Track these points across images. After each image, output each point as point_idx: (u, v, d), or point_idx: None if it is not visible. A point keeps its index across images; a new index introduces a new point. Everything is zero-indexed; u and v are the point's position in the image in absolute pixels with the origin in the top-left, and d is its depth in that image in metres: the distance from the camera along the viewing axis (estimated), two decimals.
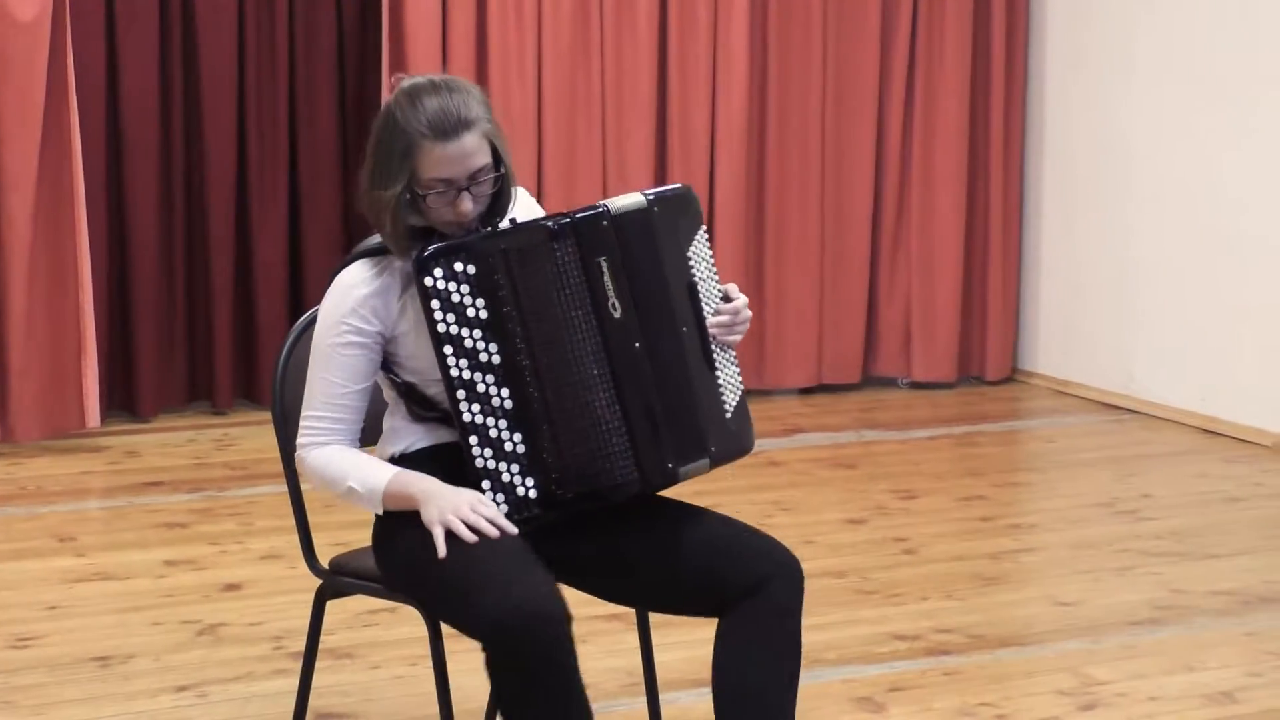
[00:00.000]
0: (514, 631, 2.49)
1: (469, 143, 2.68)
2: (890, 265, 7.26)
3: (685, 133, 6.80)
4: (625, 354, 2.72)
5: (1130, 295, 6.86)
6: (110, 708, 3.59)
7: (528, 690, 2.53)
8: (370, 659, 3.89)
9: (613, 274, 2.72)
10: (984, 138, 7.26)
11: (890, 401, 7.07)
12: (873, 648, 4.00)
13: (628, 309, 2.73)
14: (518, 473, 2.69)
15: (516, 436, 2.69)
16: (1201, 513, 5.27)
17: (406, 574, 2.75)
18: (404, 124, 2.68)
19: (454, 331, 2.67)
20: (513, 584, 2.53)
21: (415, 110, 2.68)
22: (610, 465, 2.70)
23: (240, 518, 5.10)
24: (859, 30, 7.00)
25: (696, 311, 2.83)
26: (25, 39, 5.67)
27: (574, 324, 2.70)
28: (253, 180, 6.48)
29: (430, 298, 2.66)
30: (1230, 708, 3.65)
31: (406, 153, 2.68)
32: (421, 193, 2.69)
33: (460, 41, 6.44)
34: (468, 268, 2.67)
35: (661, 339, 2.77)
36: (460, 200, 2.69)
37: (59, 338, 5.93)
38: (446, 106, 2.68)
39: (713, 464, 2.82)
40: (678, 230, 2.83)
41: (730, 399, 2.87)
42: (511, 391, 2.68)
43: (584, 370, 2.70)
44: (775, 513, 5.12)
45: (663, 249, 2.79)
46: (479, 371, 2.68)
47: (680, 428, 2.76)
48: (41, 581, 4.48)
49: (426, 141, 2.66)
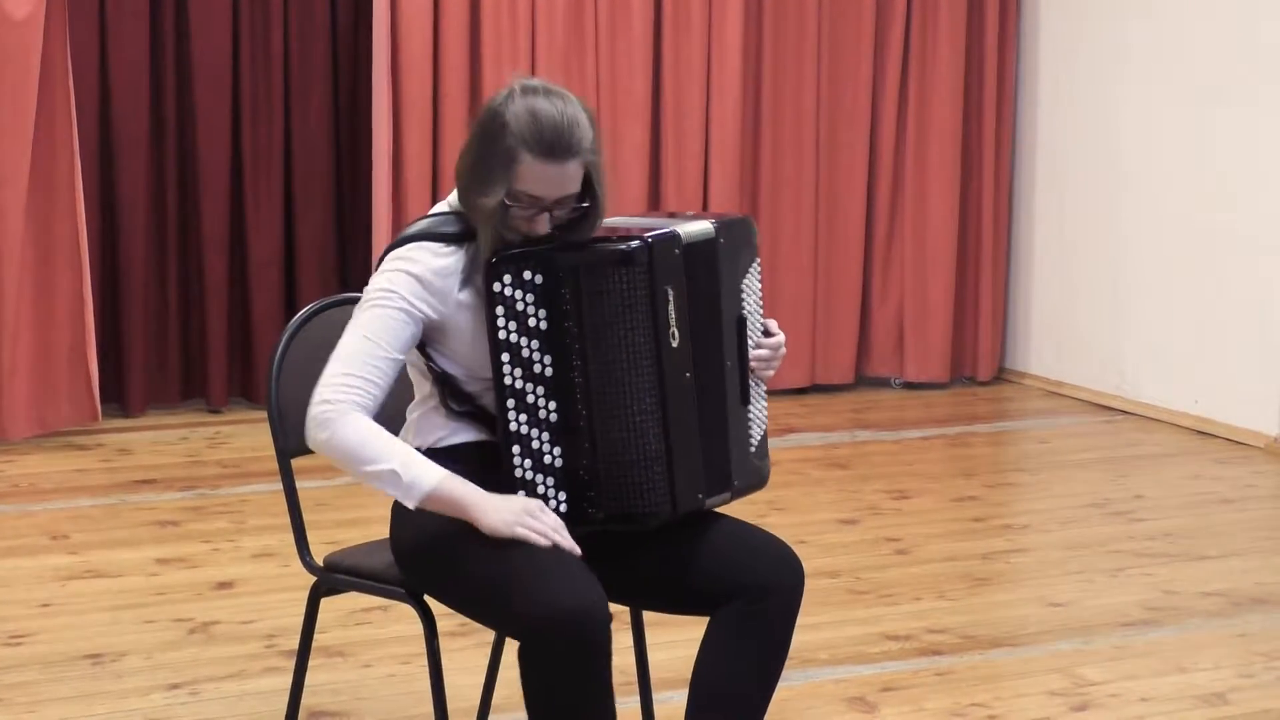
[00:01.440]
0: (561, 628, 2.48)
1: (571, 169, 2.64)
2: (883, 266, 7.26)
3: (679, 133, 6.80)
4: (676, 384, 2.69)
5: (1122, 296, 6.87)
6: (102, 705, 3.58)
7: (561, 689, 2.53)
8: (363, 657, 3.89)
9: (676, 303, 2.68)
10: (976, 139, 7.27)
11: (883, 402, 7.07)
12: (865, 648, 4.00)
13: (684, 339, 2.70)
14: (552, 485, 2.68)
15: (557, 450, 2.67)
16: (1194, 514, 5.28)
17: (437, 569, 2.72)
18: (514, 130, 2.63)
19: (514, 340, 2.65)
20: (563, 580, 2.52)
21: (529, 120, 2.63)
22: (645, 492, 2.67)
23: (233, 516, 5.10)
24: (852, 31, 7.00)
25: (741, 345, 2.82)
26: (19, 36, 5.66)
27: (632, 348, 2.65)
28: (247, 177, 6.47)
29: (496, 303, 2.63)
30: (1222, 709, 3.65)
31: (508, 161, 2.63)
32: (508, 203, 2.65)
33: (453, 39, 6.44)
34: (535, 277, 2.64)
35: (708, 372, 2.75)
36: (538, 220, 2.66)
37: (51, 334, 5.93)
38: (559, 126, 2.63)
39: (733, 497, 2.83)
40: (738, 261, 2.82)
41: (756, 433, 2.88)
42: (559, 405, 2.66)
43: (635, 395, 2.66)
44: (769, 512, 5.12)
45: (722, 280, 2.76)
46: (530, 382, 2.66)
47: (713, 460, 2.77)
48: (33, 579, 4.47)
49: (530, 156, 2.62)
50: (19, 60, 5.67)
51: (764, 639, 2.70)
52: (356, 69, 6.61)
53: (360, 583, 2.91)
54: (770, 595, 2.70)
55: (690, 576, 2.74)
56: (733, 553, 2.74)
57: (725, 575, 2.71)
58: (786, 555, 2.76)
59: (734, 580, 2.71)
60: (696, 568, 2.74)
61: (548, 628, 2.50)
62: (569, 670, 2.52)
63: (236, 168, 6.48)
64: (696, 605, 2.76)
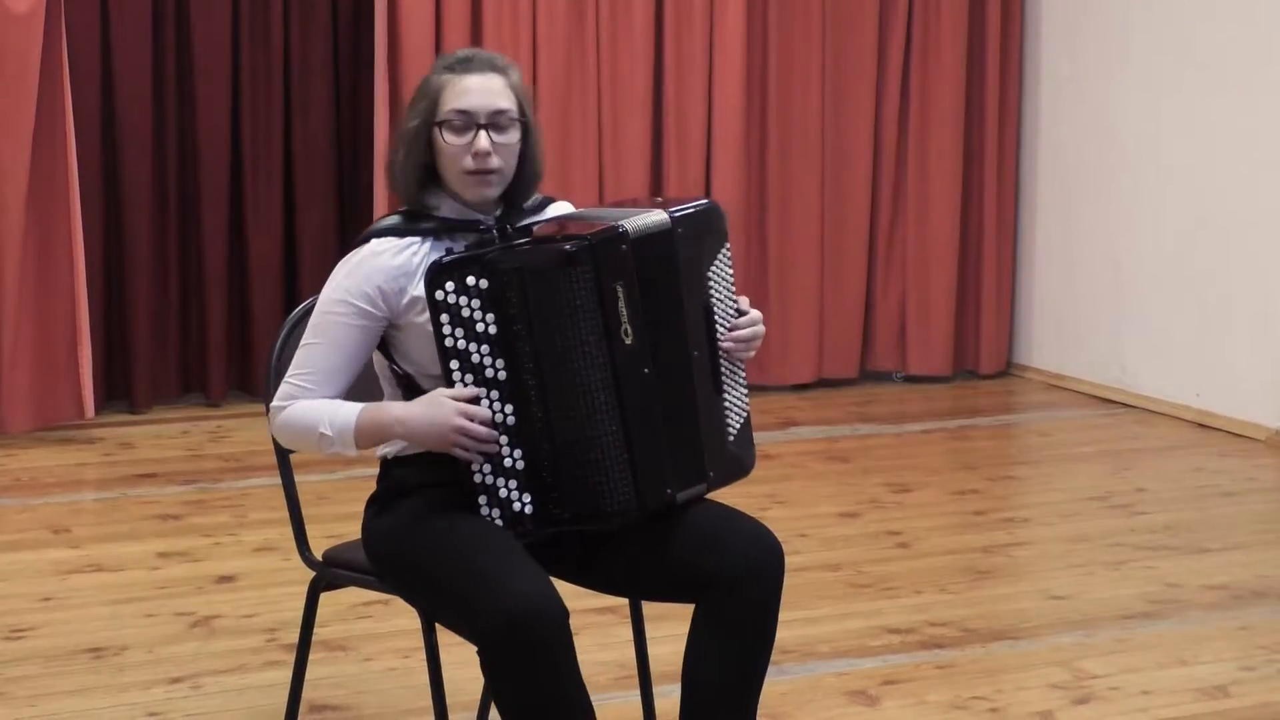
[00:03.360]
0: (513, 634, 2.48)
1: (493, 81, 2.71)
2: (886, 260, 7.26)
3: (681, 127, 6.79)
4: (634, 380, 2.67)
5: (1124, 289, 6.87)
6: (103, 699, 3.58)
7: (528, 691, 2.53)
8: (363, 651, 3.89)
9: (628, 299, 2.65)
10: (978, 131, 7.26)
11: (885, 395, 7.07)
12: (866, 641, 4.00)
13: (640, 334, 2.67)
14: (515, 489, 2.66)
15: (517, 453, 2.66)
16: (1195, 507, 5.28)
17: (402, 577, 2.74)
18: (432, 71, 2.76)
19: (461, 346, 2.63)
20: (508, 585, 2.51)
21: (443, 59, 2.77)
22: (610, 489, 2.65)
23: (234, 510, 5.10)
24: (855, 23, 7.00)
25: (710, 333, 2.79)
26: (19, 31, 5.66)
27: (584, 348, 2.63)
28: (247, 171, 6.47)
29: (440, 311, 2.62)
30: (1223, 701, 3.65)
31: (429, 91, 2.73)
32: (439, 122, 2.69)
33: (454, 33, 6.43)
34: (480, 282, 2.62)
35: (672, 364, 2.73)
36: (478, 137, 2.68)
37: (52, 329, 5.93)
38: (475, 51, 2.77)
39: (710, 488, 2.81)
40: (701, 249, 2.78)
41: (735, 420, 2.85)
42: (515, 408, 2.65)
43: (591, 394, 2.63)
44: (770, 506, 5.12)
45: (682, 271, 2.73)
46: (484, 386, 2.64)
47: (682, 454, 2.74)
48: (35, 573, 4.48)
49: (449, 75, 2.72)
50: (19, 55, 5.67)
51: (743, 627, 2.69)
52: (357, 64, 6.60)
53: (360, 577, 2.91)
54: (745, 582, 2.68)
55: (667, 564, 2.73)
56: (709, 537, 2.72)
57: (700, 562, 2.70)
58: (764, 541, 2.73)
59: (708, 567, 2.69)
60: (673, 555, 2.72)
61: (500, 634, 2.49)
62: (530, 671, 2.51)
63: (237, 163, 6.48)
64: (677, 593, 2.75)
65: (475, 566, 2.57)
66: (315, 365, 2.74)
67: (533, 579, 2.54)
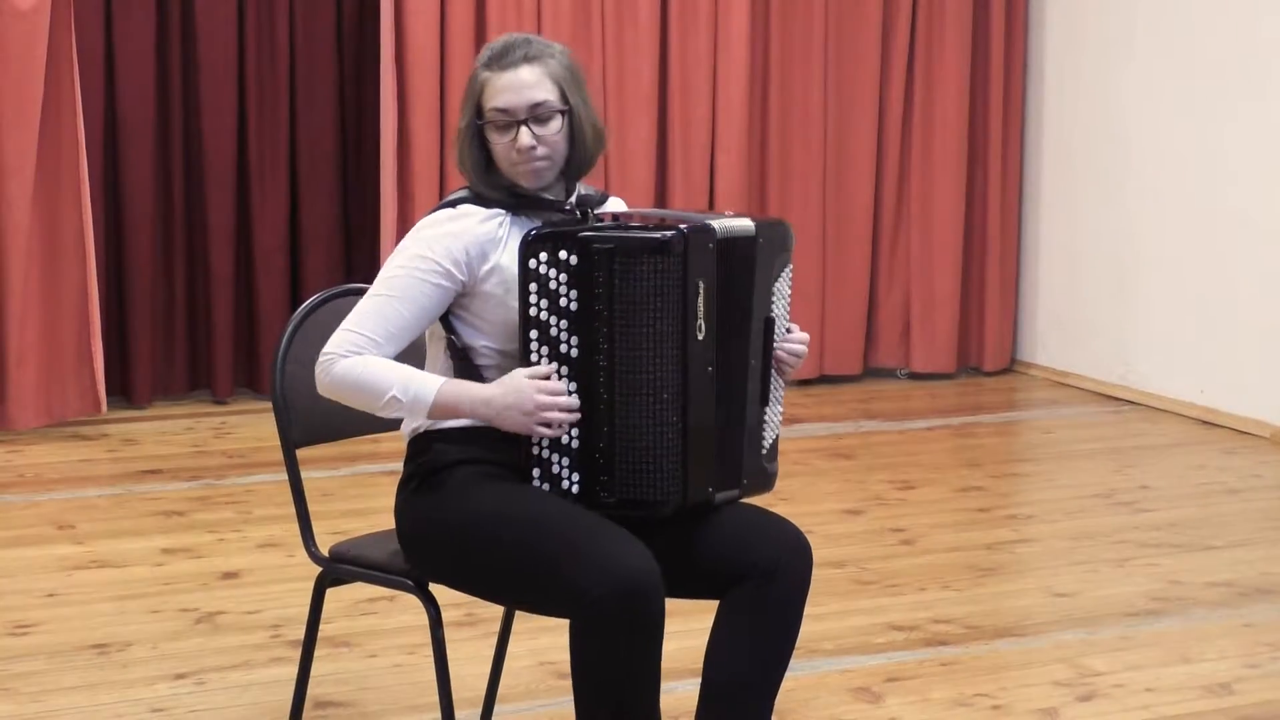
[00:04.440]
0: (625, 601, 2.48)
1: (526, 74, 2.72)
2: (890, 256, 7.26)
3: (686, 124, 6.79)
4: (698, 376, 2.69)
5: (1129, 286, 6.87)
6: (108, 695, 3.59)
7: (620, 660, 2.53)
8: (368, 647, 3.89)
9: (706, 297, 2.69)
10: (983, 128, 7.26)
11: (889, 392, 7.07)
12: (870, 638, 4.00)
13: (709, 333, 2.70)
14: (566, 466, 2.69)
15: (574, 431, 2.68)
16: (1199, 504, 5.28)
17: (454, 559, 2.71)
18: (476, 65, 2.78)
19: (543, 318, 2.66)
20: (617, 553, 2.52)
21: (485, 51, 2.78)
22: (657, 480, 2.68)
23: (238, 506, 5.10)
24: (859, 21, 7.00)
25: (767, 346, 2.83)
26: (25, 27, 5.67)
27: (658, 337, 2.65)
28: (252, 167, 6.48)
29: (529, 280, 2.65)
30: (1227, 699, 3.65)
31: (473, 90, 2.76)
32: (482, 123, 2.73)
33: (459, 27, 6.44)
34: (571, 258, 2.65)
35: (732, 367, 2.76)
36: (519, 135, 2.71)
37: (58, 325, 5.94)
38: (508, 41, 2.77)
39: (741, 495, 2.83)
40: (773, 263, 2.83)
41: (770, 435, 2.88)
42: (581, 387, 2.67)
43: (657, 383, 2.66)
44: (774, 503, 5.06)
45: (757, 280, 2.77)
46: (555, 361, 2.67)
47: (727, 456, 2.77)
48: (40, 569, 4.48)
49: (486, 72, 2.74)
50: (25, 51, 5.68)
51: (773, 621, 2.70)
52: (362, 58, 6.60)
53: (365, 573, 2.91)
54: (779, 577, 2.70)
55: (699, 558, 2.74)
56: (741, 534, 2.74)
57: (733, 556, 2.72)
58: (795, 537, 2.76)
59: (742, 561, 2.71)
60: (705, 549, 2.74)
61: (612, 600, 2.48)
62: (632, 640, 2.52)
63: (242, 158, 6.49)
64: (706, 588, 2.76)
65: (571, 532, 2.57)
66: (383, 319, 2.71)
67: (634, 545, 2.55)
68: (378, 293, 2.73)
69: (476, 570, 2.70)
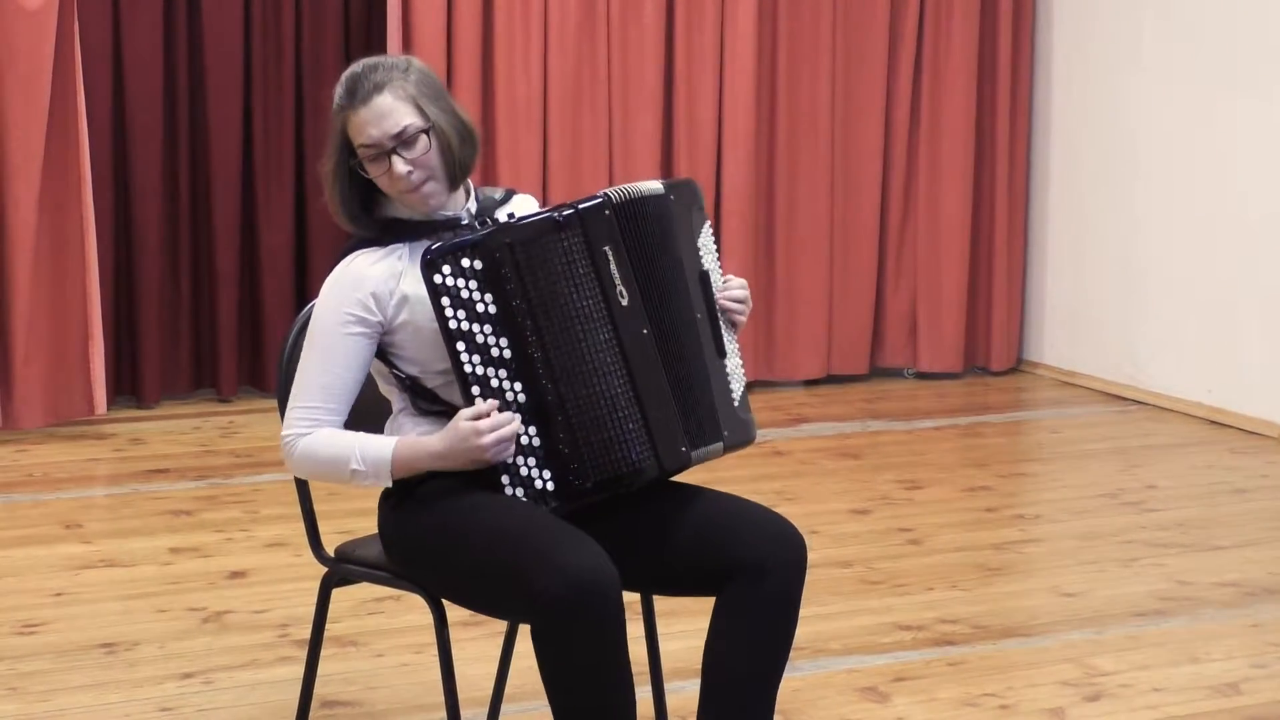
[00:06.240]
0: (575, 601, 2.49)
1: (381, 103, 2.73)
2: (897, 256, 7.25)
3: (692, 123, 6.79)
4: (635, 340, 2.72)
5: (1136, 285, 6.86)
6: (115, 695, 3.59)
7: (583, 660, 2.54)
8: (375, 647, 3.89)
9: (618, 262, 2.72)
10: (990, 127, 7.26)
11: (896, 392, 7.07)
12: (877, 638, 4.00)
13: (634, 295, 2.72)
14: (534, 466, 2.69)
15: (532, 430, 2.69)
16: (1207, 504, 5.27)
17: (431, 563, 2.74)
18: (334, 105, 2.79)
19: (465, 328, 2.67)
20: (566, 554, 2.53)
21: (339, 86, 2.78)
22: (626, 451, 2.69)
23: (245, 505, 5.11)
24: (866, 19, 6.99)
25: (708, 298, 2.86)
26: (32, 26, 5.67)
27: (583, 314, 2.69)
28: (258, 166, 6.48)
29: (440, 295, 2.66)
30: (1235, 699, 3.65)
31: (337, 130, 2.78)
32: (355, 162, 2.76)
33: (466, 27, 6.44)
34: (474, 263, 2.67)
35: (675, 325, 2.78)
36: (393, 164, 2.73)
37: (64, 324, 5.94)
38: (357, 73, 2.77)
39: (725, 448, 2.83)
40: (690, 219, 2.85)
41: (737, 387, 2.89)
42: (524, 385, 2.68)
43: (596, 359, 2.69)
44: (780, 502, 5.11)
45: (676, 235, 2.80)
46: (491, 366, 2.68)
47: (694, 411, 2.78)
48: (47, 568, 4.49)
49: (346, 111, 2.75)
50: (32, 50, 5.68)
51: (768, 618, 2.70)
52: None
53: (372, 573, 2.92)
54: (769, 572, 2.69)
55: (689, 555, 2.74)
56: (731, 528, 2.74)
57: (723, 552, 2.71)
58: (786, 531, 2.75)
59: (730, 557, 2.70)
60: (695, 546, 2.74)
61: (562, 599, 2.49)
62: (588, 639, 2.53)
63: (248, 157, 6.49)
64: (697, 585, 2.76)
65: (526, 538, 2.58)
66: (324, 387, 2.77)
67: (587, 547, 2.56)
68: (310, 362, 2.79)
69: (446, 579, 2.74)
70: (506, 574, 2.58)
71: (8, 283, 5.84)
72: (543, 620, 2.54)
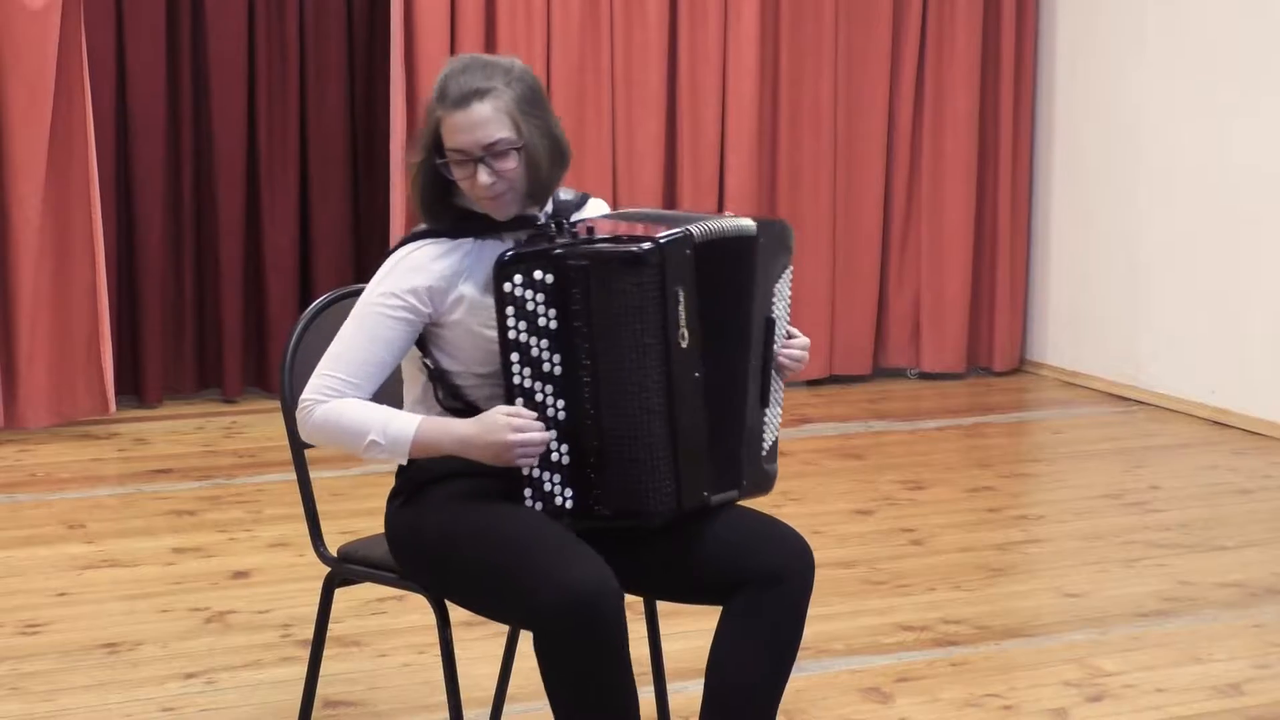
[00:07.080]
0: (576, 614, 2.49)
1: (478, 112, 2.67)
2: (900, 256, 7.25)
3: (695, 124, 6.79)
4: (684, 384, 2.68)
5: (1139, 286, 6.86)
6: (118, 694, 3.59)
7: (584, 672, 2.54)
8: (378, 647, 3.89)
9: (687, 303, 2.66)
10: (993, 128, 7.25)
11: (898, 392, 7.07)
12: (880, 638, 4.00)
13: (695, 338, 2.68)
14: (559, 483, 2.68)
15: (564, 448, 2.67)
16: (1210, 504, 5.27)
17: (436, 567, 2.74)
18: (432, 97, 2.74)
19: (523, 339, 2.64)
20: (569, 566, 2.53)
21: (437, 84, 2.73)
22: (651, 490, 2.67)
23: (249, 505, 5.11)
24: (869, 20, 6.99)
25: (768, 347, 2.82)
26: (35, 27, 5.68)
27: (640, 349, 2.64)
28: (262, 166, 6.48)
29: (506, 304, 2.64)
30: (1238, 699, 3.64)
31: (430, 124, 2.73)
32: (442, 162, 2.71)
33: (469, 27, 6.44)
34: (546, 277, 2.64)
35: (730, 369, 2.75)
36: (477, 172, 2.69)
37: (68, 325, 5.95)
38: (461, 78, 2.70)
39: (740, 497, 2.82)
40: (773, 264, 2.81)
41: (769, 437, 2.88)
42: (567, 404, 2.66)
43: (642, 395, 2.65)
44: (784, 503, 5.11)
45: (753, 279, 2.75)
46: (539, 380, 2.66)
47: (722, 459, 2.76)
48: (50, 568, 4.49)
49: (442, 111, 2.70)
50: (36, 50, 5.69)
51: (776, 626, 2.70)
52: (372, 58, 6.61)
53: (374, 573, 2.92)
54: (780, 582, 2.70)
55: (699, 565, 2.74)
56: (741, 540, 2.74)
57: (734, 563, 2.71)
58: (796, 542, 2.76)
59: (743, 567, 2.71)
60: (705, 556, 2.74)
61: (562, 613, 2.49)
62: (588, 652, 2.52)
63: (252, 158, 6.49)
64: (707, 594, 2.76)
65: (531, 549, 2.57)
66: (356, 360, 2.72)
67: (591, 560, 2.55)
68: (348, 333, 2.75)
69: (450, 584, 2.73)
70: (508, 584, 2.58)
71: (12, 282, 5.85)
72: (543, 633, 2.54)
